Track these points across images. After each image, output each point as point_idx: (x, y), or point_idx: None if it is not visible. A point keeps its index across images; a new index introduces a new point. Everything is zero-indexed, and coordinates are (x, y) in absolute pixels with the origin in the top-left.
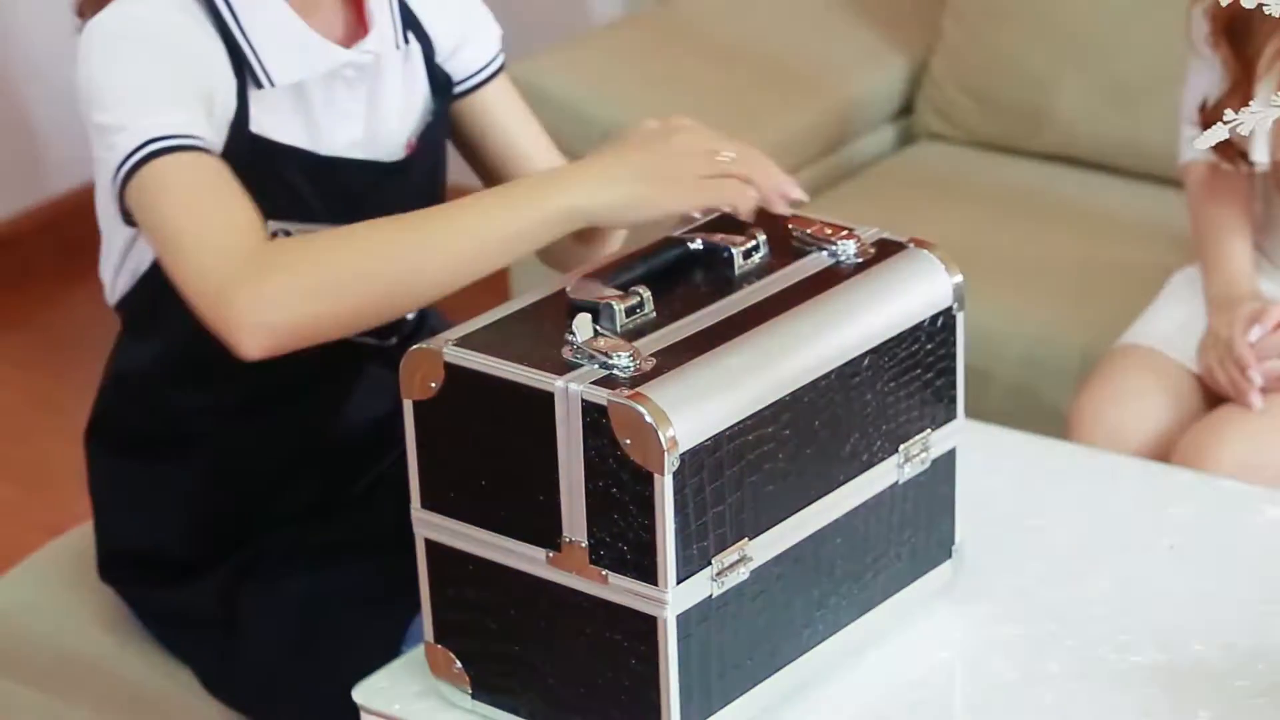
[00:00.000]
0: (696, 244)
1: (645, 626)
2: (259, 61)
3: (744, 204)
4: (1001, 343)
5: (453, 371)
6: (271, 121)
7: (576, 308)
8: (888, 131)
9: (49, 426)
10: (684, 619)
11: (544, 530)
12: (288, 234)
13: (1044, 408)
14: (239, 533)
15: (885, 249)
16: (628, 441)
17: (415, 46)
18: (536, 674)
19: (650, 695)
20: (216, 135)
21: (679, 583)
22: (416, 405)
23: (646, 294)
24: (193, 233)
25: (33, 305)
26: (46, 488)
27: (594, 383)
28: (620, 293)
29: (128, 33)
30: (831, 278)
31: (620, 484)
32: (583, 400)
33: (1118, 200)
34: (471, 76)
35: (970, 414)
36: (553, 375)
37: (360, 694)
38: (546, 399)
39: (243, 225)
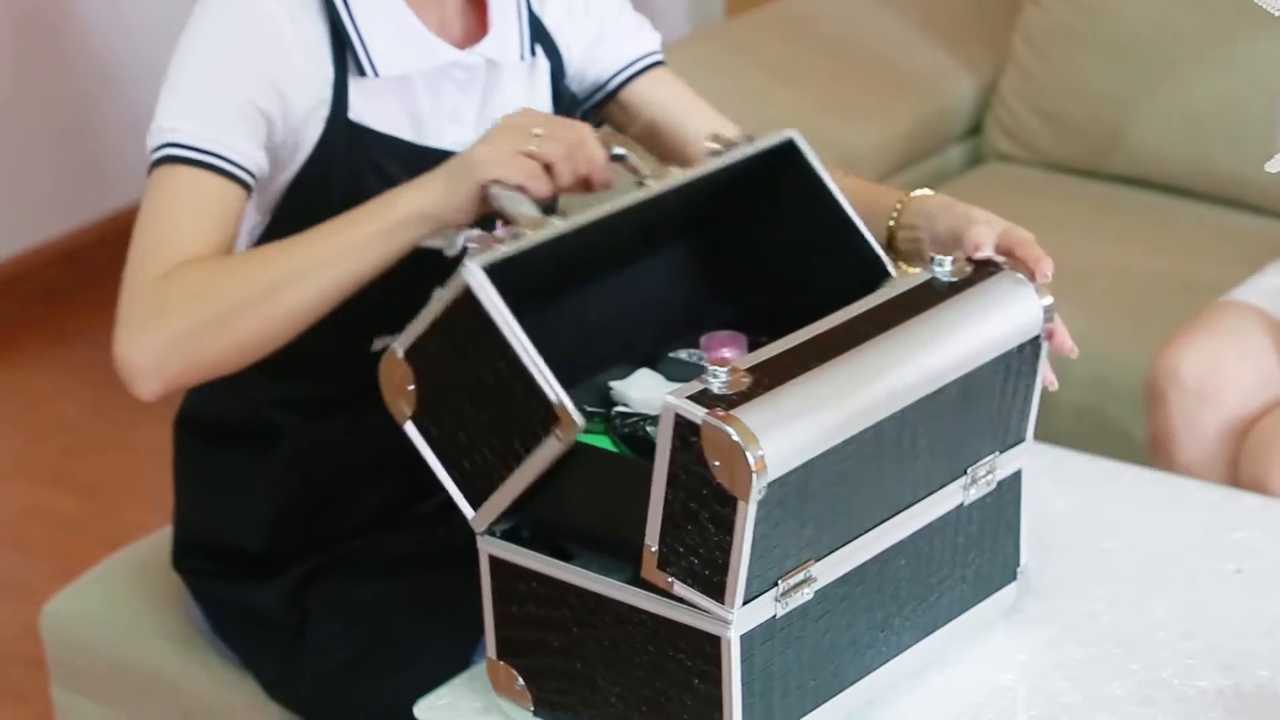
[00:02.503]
0: None
1: (709, 646)
2: (365, 50)
3: (535, 189)
4: (1069, 364)
5: None
6: (372, 110)
7: None
8: (956, 152)
9: (110, 440)
10: (748, 639)
11: None
12: None
13: (1111, 429)
14: (315, 534)
15: (980, 268)
16: (717, 463)
17: (543, 62)
18: (598, 692)
19: (713, 715)
20: (283, 132)
21: (744, 603)
22: None
23: None
24: (146, 242)
25: (95, 317)
26: (108, 501)
27: (690, 396)
28: None
29: (220, 18)
30: (926, 298)
31: (700, 500)
32: (676, 416)
33: (1188, 223)
34: (619, 73)
35: (1037, 436)
36: None
37: (422, 710)
38: None
39: (170, 256)
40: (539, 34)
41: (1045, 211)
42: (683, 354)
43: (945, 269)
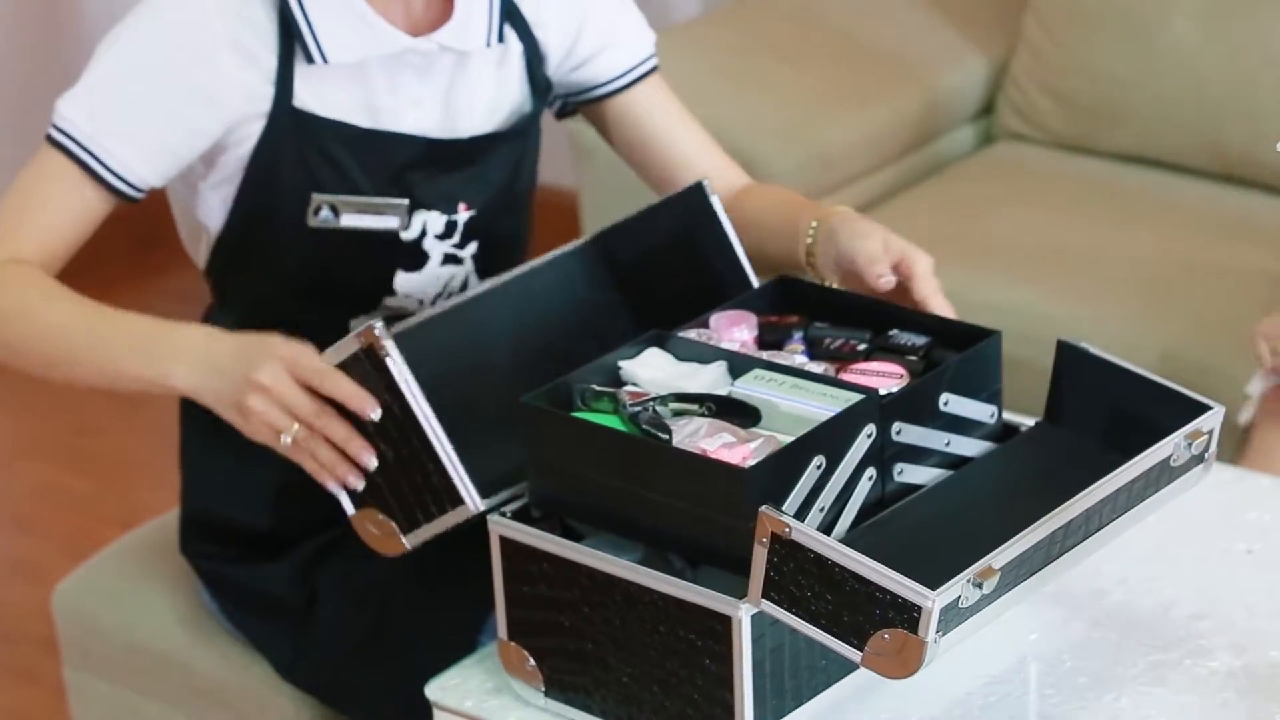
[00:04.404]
0: None
1: (719, 626)
2: (314, 37)
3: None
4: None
5: None
6: (320, 97)
7: None
8: (968, 131)
9: (123, 420)
10: (759, 618)
11: None
12: (334, 209)
13: None
14: (321, 514)
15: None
16: (886, 636)
17: (516, 47)
18: (610, 672)
19: (723, 695)
20: (219, 135)
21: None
22: None
23: None
24: (4, 210)
25: (108, 297)
26: (121, 481)
27: (947, 599)
28: None
29: (155, 18)
30: (1159, 478)
31: (855, 603)
32: (910, 593)
33: (1199, 202)
34: (617, 79)
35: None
36: None
37: (433, 690)
38: None
39: (27, 238)
40: (512, 17)
41: (1056, 191)
42: (691, 333)
43: (1183, 450)
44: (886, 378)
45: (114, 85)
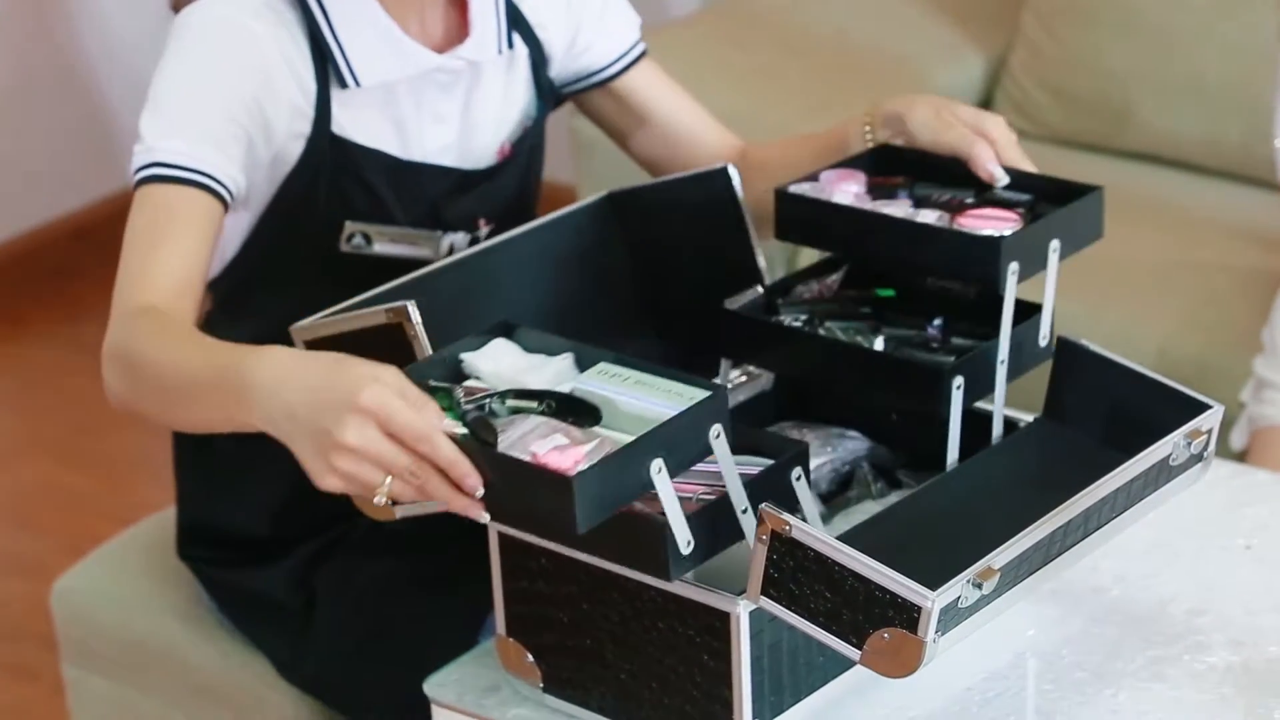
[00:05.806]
0: None
1: (718, 622)
2: (345, 61)
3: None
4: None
5: None
6: (355, 122)
7: None
8: None
9: (120, 416)
10: (757, 614)
11: None
12: (366, 237)
13: None
14: (318, 517)
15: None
16: (886, 635)
17: (521, 51)
18: (608, 668)
19: (722, 691)
20: (265, 150)
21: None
22: None
23: None
24: (127, 263)
25: (105, 294)
26: (120, 478)
27: (947, 598)
28: None
29: (201, 38)
30: (1158, 477)
31: (853, 601)
32: (912, 593)
33: (1197, 198)
34: (614, 63)
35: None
36: None
37: (431, 687)
38: None
39: (157, 276)
40: (516, 22)
41: None
42: (805, 186)
43: (1182, 449)
44: (1002, 221)
45: (184, 101)
